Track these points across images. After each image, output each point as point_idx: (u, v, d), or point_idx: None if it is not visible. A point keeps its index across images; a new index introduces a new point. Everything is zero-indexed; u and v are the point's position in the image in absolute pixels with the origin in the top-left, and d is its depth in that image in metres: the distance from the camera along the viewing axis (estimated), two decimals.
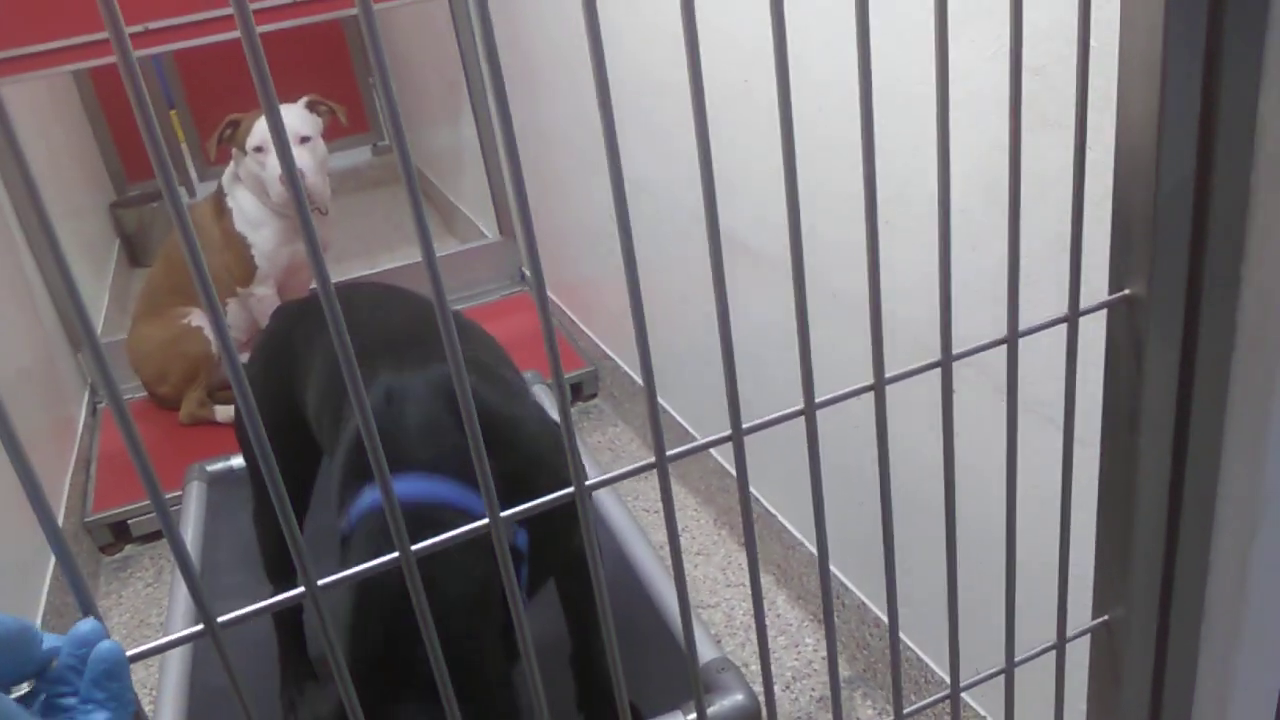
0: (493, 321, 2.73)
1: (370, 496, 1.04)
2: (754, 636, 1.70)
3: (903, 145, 1.18)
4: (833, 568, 1.64)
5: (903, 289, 1.25)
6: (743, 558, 1.91)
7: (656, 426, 0.57)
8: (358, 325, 1.25)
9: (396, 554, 0.50)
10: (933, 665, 1.43)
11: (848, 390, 0.64)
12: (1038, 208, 1.01)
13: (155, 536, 2.22)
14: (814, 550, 1.68)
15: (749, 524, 0.63)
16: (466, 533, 0.52)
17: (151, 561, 2.17)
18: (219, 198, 2.49)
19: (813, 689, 1.60)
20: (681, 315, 1.94)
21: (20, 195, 2.45)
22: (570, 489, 0.55)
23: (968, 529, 1.26)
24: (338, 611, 1.01)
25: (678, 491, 2.14)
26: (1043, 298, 1.04)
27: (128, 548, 2.23)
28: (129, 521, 2.22)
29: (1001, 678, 0.83)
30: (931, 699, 0.80)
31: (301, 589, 0.49)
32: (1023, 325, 0.67)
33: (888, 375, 0.63)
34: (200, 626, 0.48)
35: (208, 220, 2.50)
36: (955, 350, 0.65)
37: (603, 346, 2.48)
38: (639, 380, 2.25)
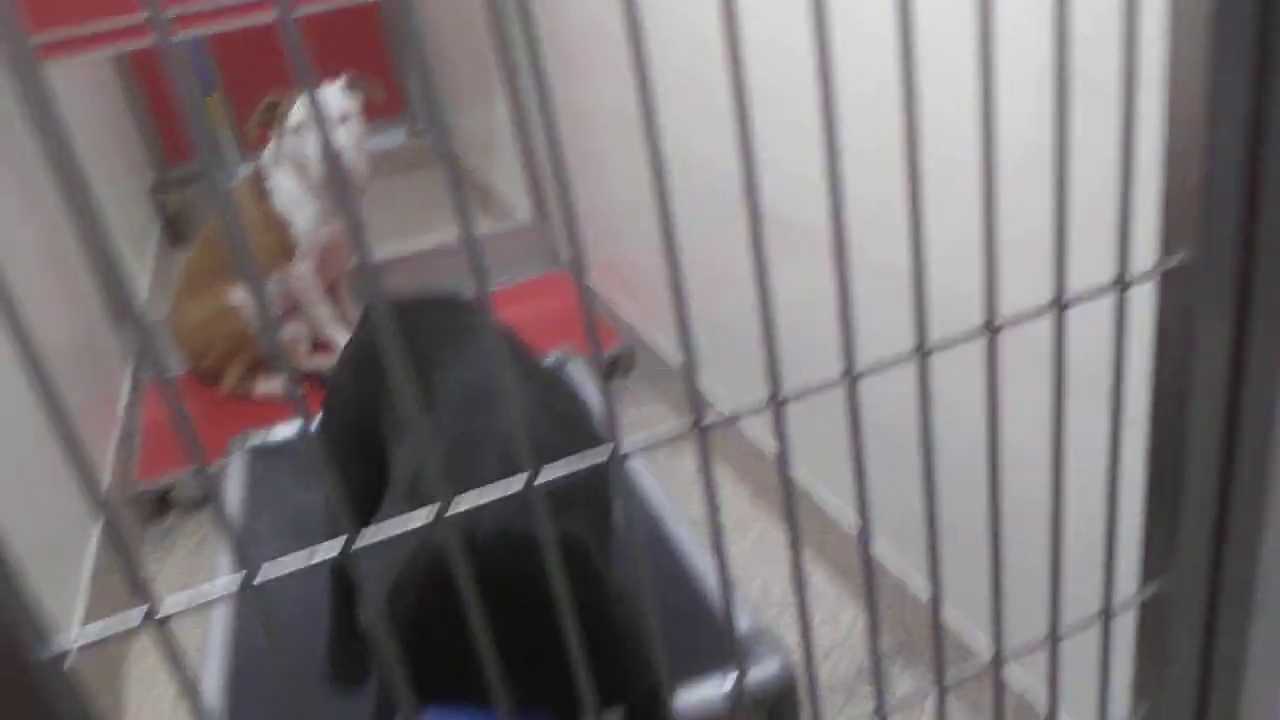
0: (529, 302, 2.76)
1: None
2: (790, 612, 1.70)
3: (945, 109, 1.16)
4: (879, 544, 1.63)
5: (946, 258, 1.23)
6: (779, 534, 1.90)
7: (694, 391, 0.57)
8: (428, 360, 1.25)
9: None
10: (972, 639, 1.42)
11: (891, 357, 0.63)
12: (1085, 174, 0.99)
13: (198, 506, 2.26)
14: (851, 525, 1.67)
15: (788, 488, 0.62)
16: None
17: (195, 530, 2.21)
18: (258, 179, 2.51)
19: (850, 660, 1.60)
20: (720, 291, 1.93)
21: (63, 176, 2.48)
22: (605, 449, 0.55)
23: (1011, 501, 1.25)
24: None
25: (715, 465, 2.14)
26: (1089, 267, 1.02)
27: (171, 518, 2.27)
28: (172, 492, 2.26)
29: (1044, 650, 0.81)
30: (974, 669, 0.79)
31: (339, 540, 0.49)
32: (1069, 294, 0.65)
33: (931, 343, 0.62)
34: (242, 578, 0.48)
35: (247, 202, 2.52)
36: (1000, 318, 0.63)
37: (638, 325, 2.48)
38: (675, 358, 2.24)
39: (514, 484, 0.53)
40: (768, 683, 1.33)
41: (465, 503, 0.52)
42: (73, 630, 1.88)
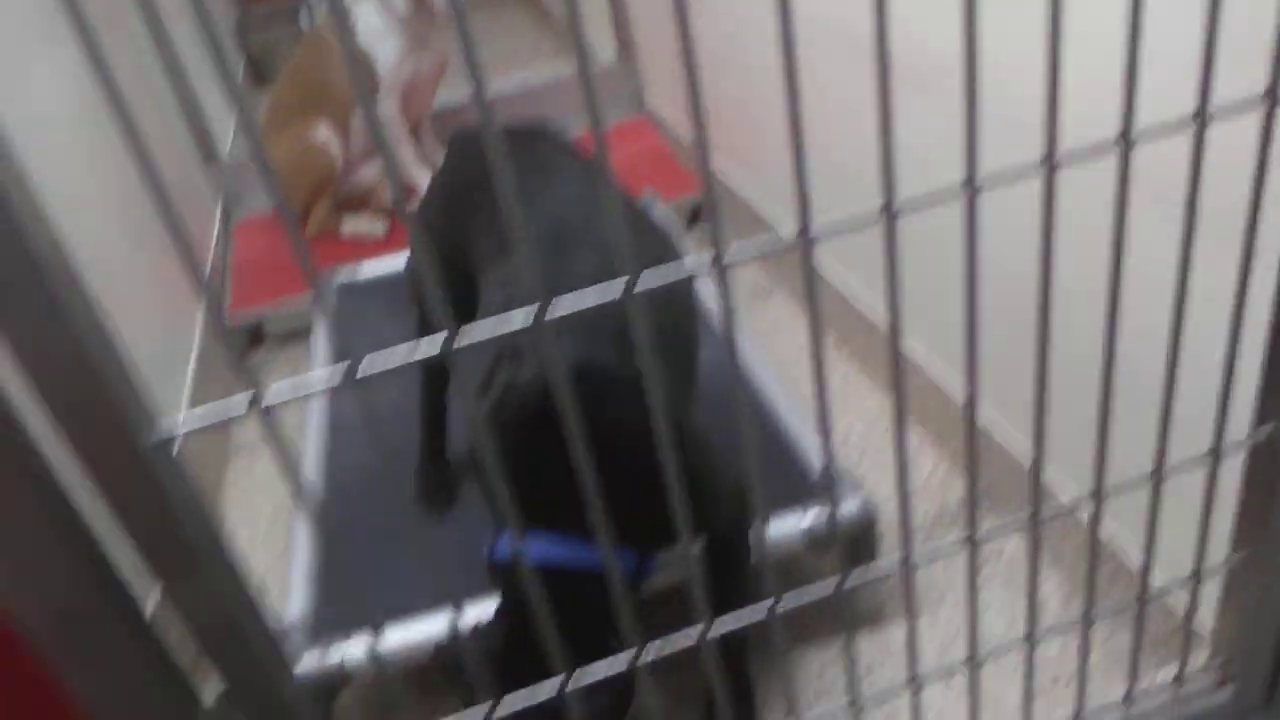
0: (611, 146, 2.70)
1: None
2: (868, 456, 1.69)
3: None
4: (960, 389, 1.61)
5: (1079, 71, 1.15)
6: (861, 380, 1.89)
7: (803, 193, 0.54)
8: (530, 187, 1.23)
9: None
10: (1060, 487, 1.40)
11: (1012, 169, 0.59)
12: None
13: (289, 340, 2.32)
14: (936, 372, 1.64)
15: (895, 295, 0.59)
16: None
17: (286, 363, 2.28)
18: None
19: (930, 506, 1.60)
20: (821, 129, 1.86)
21: (149, 15, 2.47)
22: (707, 257, 0.53)
23: (1124, 336, 1.20)
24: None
25: (795, 313, 2.11)
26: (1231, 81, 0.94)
27: (262, 352, 2.34)
28: (264, 326, 2.32)
29: (1133, 496, 0.79)
30: (1072, 502, 0.77)
31: (441, 336, 0.49)
32: (1213, 107, 0.60)
33: (1059, 156, 0.58)
34: (345, 369, 0.48)
35: (333, 36, 2.48)
36: (1134, 133, 0.59)
37: (722, 170, 2.42)
38: (755, 208, 2.19)
39: (612, 289, 0.52)
40: (848, 520, 1.34)
41: (564, 305, 0.51)
42: (184, 405, 1.97)
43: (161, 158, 2.32)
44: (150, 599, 0.56)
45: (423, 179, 2.61)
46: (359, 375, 0.48)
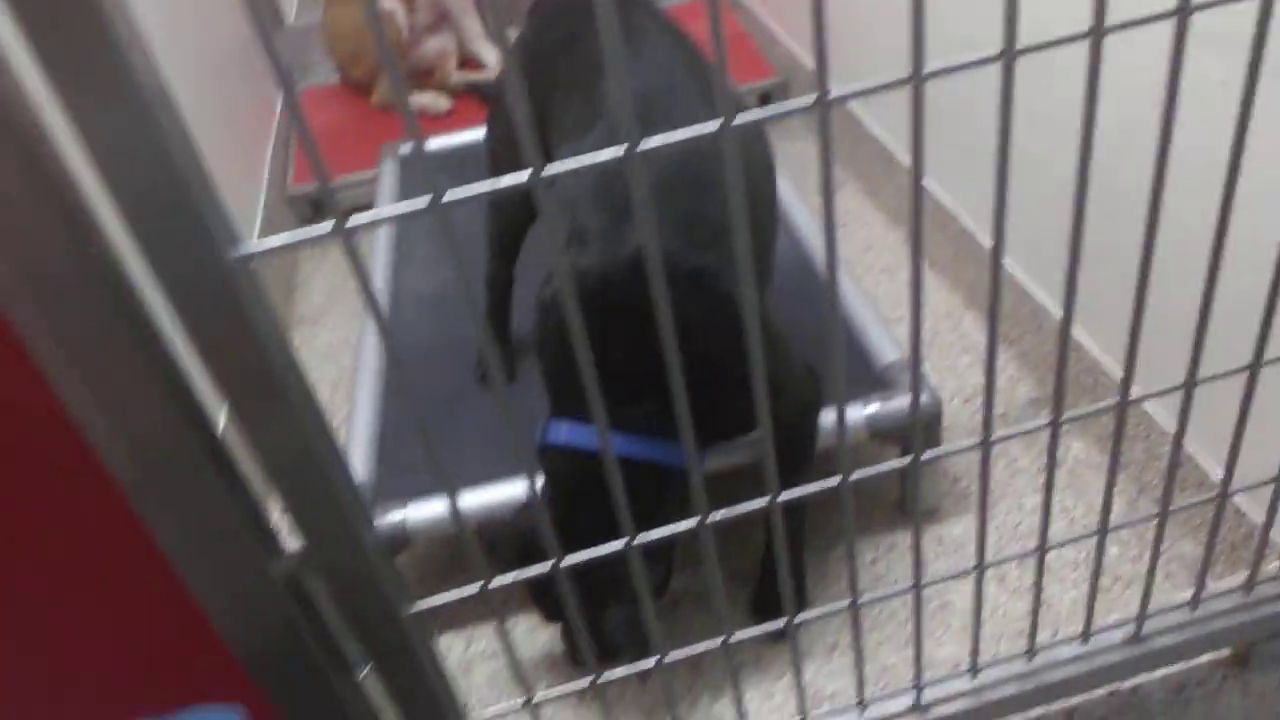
0: (686, 22, 2.61)
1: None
2: (933, 351, 1.66)
3: None
4: (1034, 287, 1.56)
5: None
6: (930, 276, 1.84)
7: (822, 58, 0.50)
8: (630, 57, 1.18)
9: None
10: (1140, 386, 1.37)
11: (1055, 40, 0.54)
12: None
13: (353, 211, 2.31)
14: (1012, 266, 1.59)
15: (919, 164, 0.56)
16: None
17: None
18: None
19: (995, 405, 1.57)
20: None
21: None
22: (811, 96, 0.49)
23: (1179, 230, 1.14)
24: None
25: (864, 208, 2.05)
26: None
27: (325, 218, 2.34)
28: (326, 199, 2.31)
29: (1231, 385, 0.76)
30: (1162, 390, 0.74)
31: (528, 172, 0.47)
32: None
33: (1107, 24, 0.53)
34: (427, 200, 0.47)
35: None
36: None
37: (796, 55, 2.33)
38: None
39: (707, 126, 0.49)
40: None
41: (655, 141, 0.48)
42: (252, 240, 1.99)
43: (229, 22, 2.29)
44: (228, 434, 0.56)
45: (487, 54, 2.55)
46: (444, 201, 0.46)
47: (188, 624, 0.66)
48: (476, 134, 2.12)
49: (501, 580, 0.68)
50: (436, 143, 2.15)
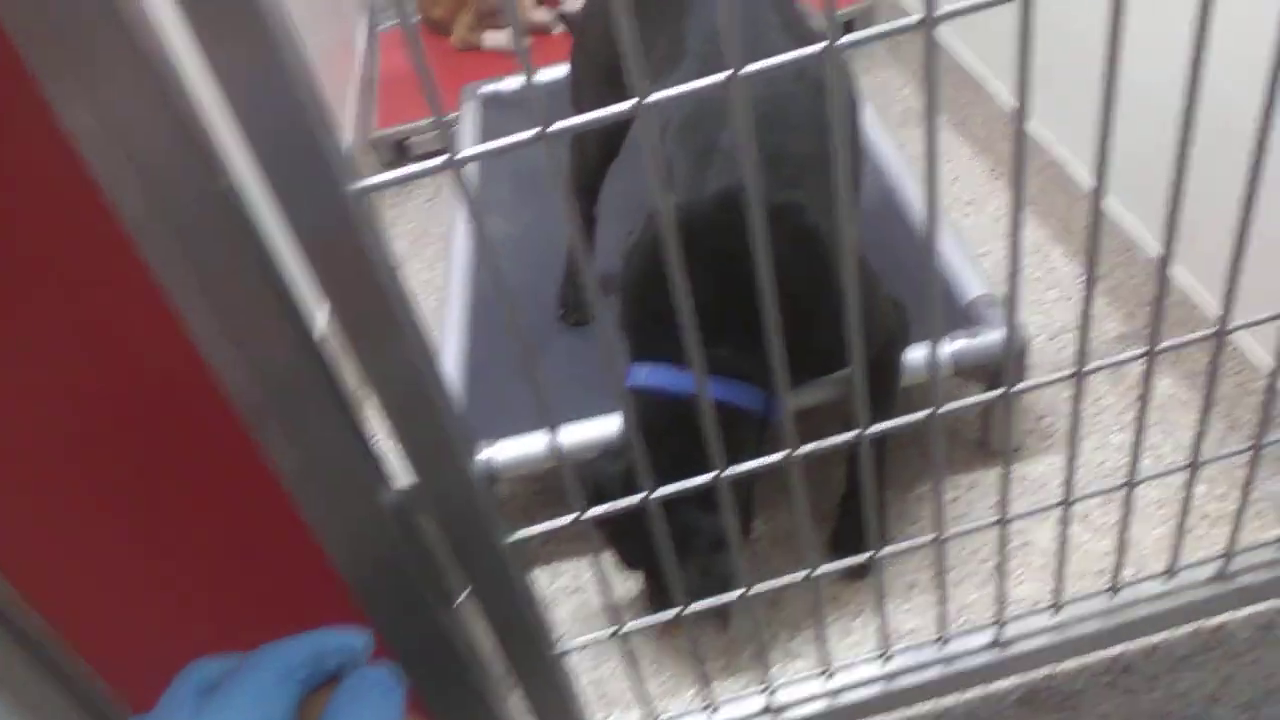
0: None
1: None
2: (1022, 288, 1.64)
3: None
4: (1126, 217, 1.52)
5: None
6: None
7: None
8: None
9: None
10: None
11: None
12: None
13: (434, 155, 2.34)
14: (1111, 202, 1.55)
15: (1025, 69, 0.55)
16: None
17: (431, 180, 2.31)
18: None
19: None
20: None
21: None
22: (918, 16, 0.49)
23: None
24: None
25: (951, 138, 2.01)
26: None
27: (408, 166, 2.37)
28: (409, 141, 2.35)
29: None
30: (1262, 319, 0.72)
31: (629, 104, 0.48)
32: None
33: None
34: (534, 132, 0.48)
35: None
36: None
37: None
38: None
39: (812, 49, 0.49)
40: (1000, 347, 1.30)
41: (756, 66, 0.49)
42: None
43: None
44: (343, 368, 0.59)
45: None
46: (551, 130, 0.48)
47: (300, 550, 0.70)
48: (556, 72, 2.12)
49: (594, 512, 0.71)
50: (515, 81, 2.16)
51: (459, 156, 0.48)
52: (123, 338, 0.59)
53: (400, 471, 0.65)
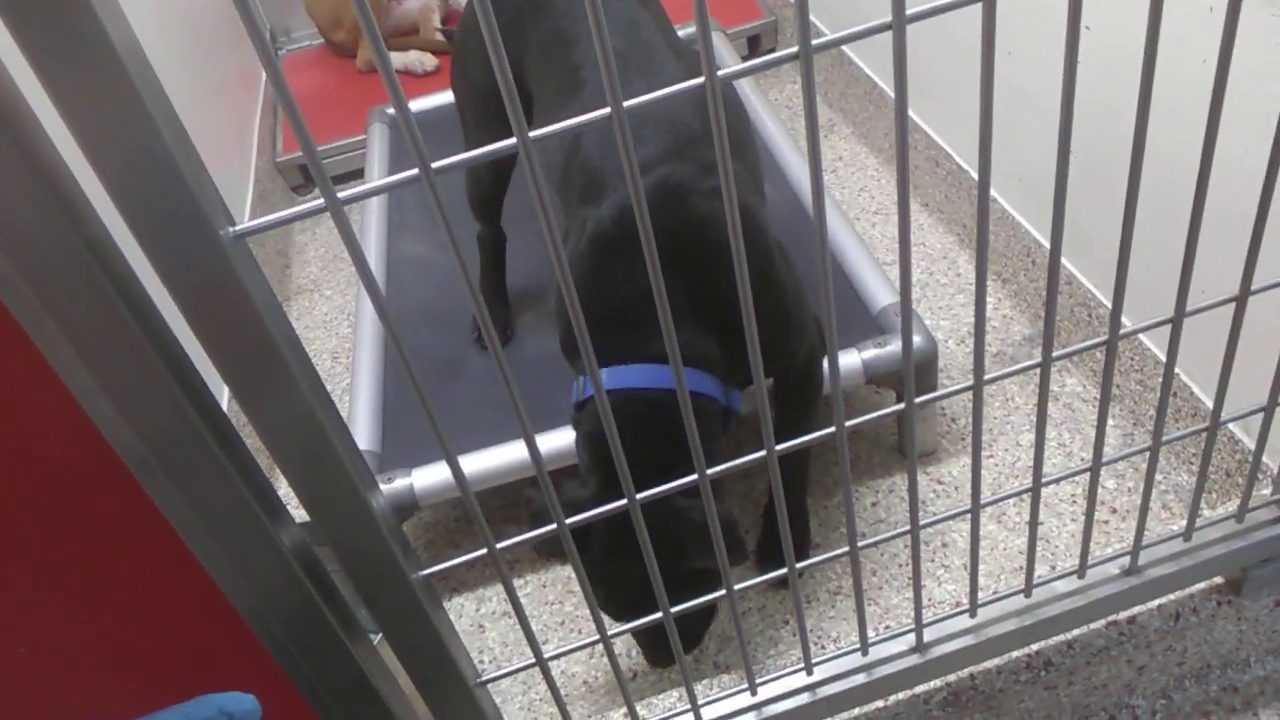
0: None
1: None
2: (929, 292, 1.67)
3: None
4: (1026, 223, 1.56)
5: None
6: (924, 217, 1.84)
7: (803, 11, 0.49)
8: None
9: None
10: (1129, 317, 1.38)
11: None
12: None
13: (343, 179, 2.31)
14: (1005, 206, 1.59)
15: (903, 119, 0.56)
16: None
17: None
18: None
19: (990, 344, 1.58)
20: None
21: None
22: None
23: (1167, 156, 1.15)
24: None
25: (858, 150, 2.05)
26: None
27: (315, 191, 2.33)
28: None
29: (1222, 314, 0.76)
30: (1150, 322, 0.75)
31: (513, 140, 0.47)
32: None
33: None
34: (416, 171, 0.47)
35: None
36: None
37: None
38: (822, 28, 2.09)
39: (693, 83, 0.49)
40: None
41: (641, 101, 0.49)
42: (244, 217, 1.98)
43: None
44: (229, 409, 0.57)
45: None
46: (434, 168, 0.47)
47: (206, 602, 0.67)
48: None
49: (504, 545, 0.69)
50: (422, 103, 2.14)
51: (340, 196, 0.47)
52: (5, 396, 0.57)
53: (300, 511, 0.63)
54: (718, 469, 0.69)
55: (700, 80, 0.48)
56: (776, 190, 1.67)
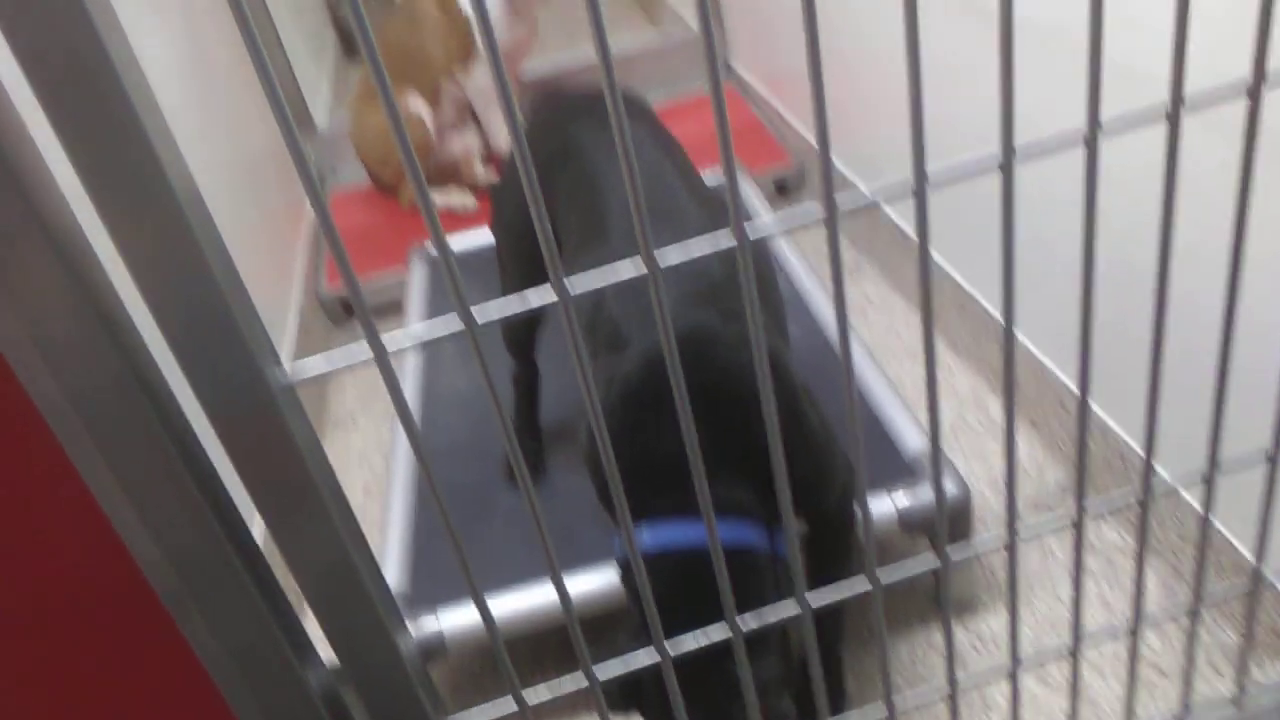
0: (695, 116, 2.68)
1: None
2: (960, 437, 1.66)
3: None
4: (1056, 369, 1.56)
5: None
6: (953, 360, 1.85)
7: (827, 172, 0.52)
8: (607, 161, 1.22)
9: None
10: (1165, 469, 1.36)
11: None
12: None
13: (379, 313, 2.36)
14: (1035, 351, 1.60)
15: (926, 277, 0.57)
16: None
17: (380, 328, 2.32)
18: None
19: (1024, 491, 1.56)
20: (885, 98, 1.82)
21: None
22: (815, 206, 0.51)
23: (1195, 314, 1.15)
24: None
25: (886, 292, 2.07)
26: None
27: (354, 324, 2.39)
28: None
29: (1248, 478, 0.75)
30: (1183, 477, 0.74)
31: (550, 286, 0.49)
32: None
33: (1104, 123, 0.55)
34: (459, 325, 0.49)
35: (428, 3, 2.51)
36: (1188, 99, 0.55)
37: (810, 140, 2.38)
38: (849, 175, 2.15)
39: (719, 241, 0.51)
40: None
41: (671, 255, 0.50)
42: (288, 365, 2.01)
43: (260, 129, 2.37)
44: (262, 544, 0.57)
45: None
46: (479, 322, 0.48)
47: None
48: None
49: (538, 695, 0.68)
50: (463, 241, 2.20)
51: (391, 350, 0.48)
52: (45, 520, 0.57)
53: (328, 650, 0.63)
54: (752, 627, 0.67)
55: (730, 239, 0.50)
56: (803, 329, 1.69)
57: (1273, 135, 1.00)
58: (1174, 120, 0.56)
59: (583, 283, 0.50)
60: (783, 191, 2.47)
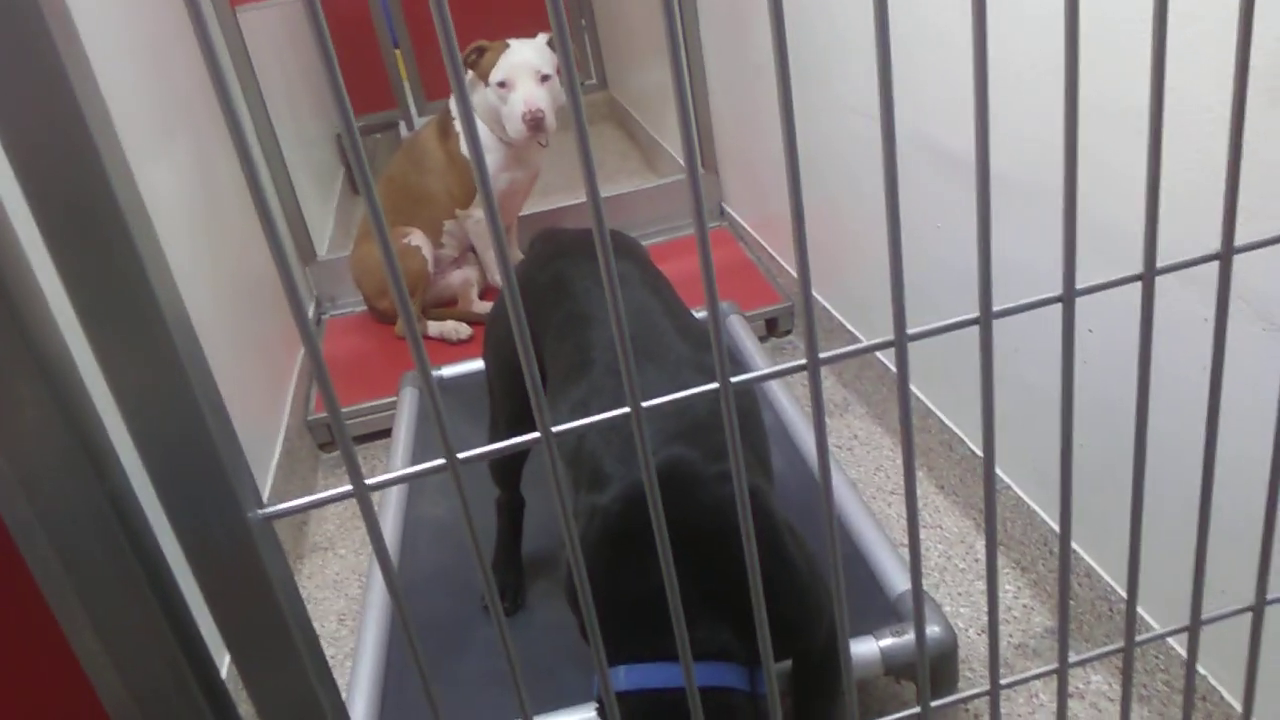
0: (691, 255, 2.75)
1: None
2: (947, 577, 1.65)
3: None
4: (1043, 513, 1.56)
5: (1108, 189, 1.15)
6: (940, 499, 1.85)
7: (810, 323, 0.54)
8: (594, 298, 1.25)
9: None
10: (1150, 617, 1.34)
11: (1033, 300, 0.58)
12: (1267, 116, 0.90)
13: (368, 438, 2.37)
14: (1021, 494, 1.60)
15: (907, 429, 0.59)
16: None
17: (365, 460, 2.32)
18: (445, 120, 2.59)
19: (1011, 634, 1.54)
20: (873, 242, 1.87)
21: (259, 123, 2.63)
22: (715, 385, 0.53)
23: (1179, 460, 1.16)
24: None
25: (872, 430, 2.09)
26: (1267, 206, 0.93)
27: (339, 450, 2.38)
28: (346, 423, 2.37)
29: (1244, 617, 0.75)
30: (1167, 630, 0.74)
31: (538, 435, 0.50)
32: (1241, 240, 0.59)
33: (1080, 287, 0.57)
34: (442, 461, 0.50)
35: (432, 143, 2.60)
36: (1161, 263, 0.58)
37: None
38: (837, 316, 2.20)
39: (707, 387, 0.52)
40: (929, 645, 1.29)
41: (655, 396, 0.52)
42: (266, 499, 1.99)
43: (263, 254, 2.43)
44: (227, 677, 0.57)
45: None
46: (460, 459, 0.49)
47: None
48: None
49: None
50: (454, 370, 2.23)
51: (369, 482, 0.49)
52: (9, 650, 0.57)
53: None
54: None
55: (713, 385, 0.51)
56: (788, 462, 1.70)
57: (1243, 288, 1.04)
58: (1148, 283, 0.58)
59: (567, 421, 0.52)
60: (773, 328, 2.52)
